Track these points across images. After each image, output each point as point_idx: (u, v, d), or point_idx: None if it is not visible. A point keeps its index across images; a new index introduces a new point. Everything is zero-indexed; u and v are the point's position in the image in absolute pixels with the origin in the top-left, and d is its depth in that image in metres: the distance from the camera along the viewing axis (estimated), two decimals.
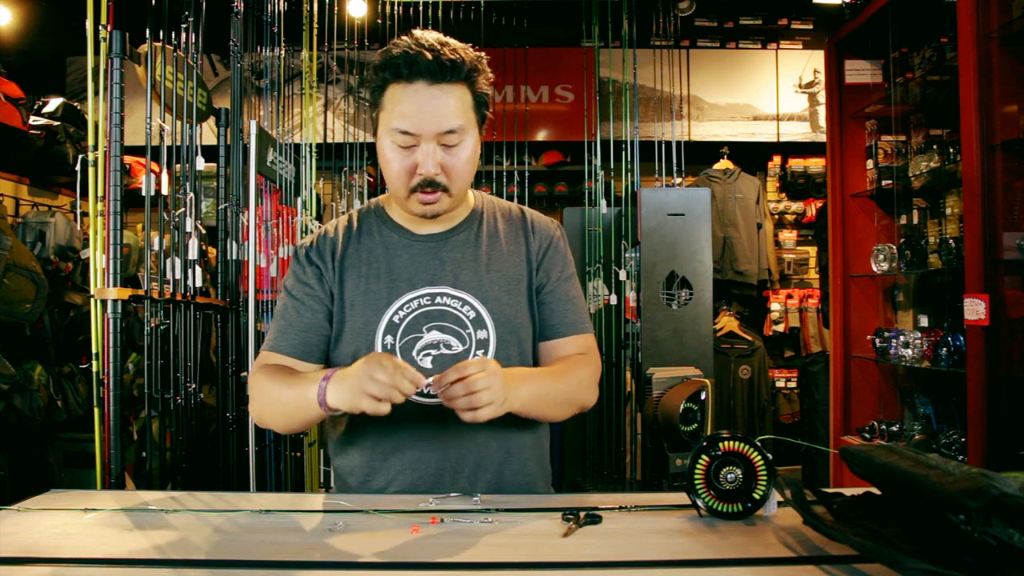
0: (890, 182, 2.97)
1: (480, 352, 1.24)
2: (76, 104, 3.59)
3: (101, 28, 1.93)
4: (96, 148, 1.97)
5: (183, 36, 2.28)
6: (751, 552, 0.90)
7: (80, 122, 3.48)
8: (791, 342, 4.50)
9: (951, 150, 2.60)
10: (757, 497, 1.02)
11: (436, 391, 1.09)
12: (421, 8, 3.35)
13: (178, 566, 0.87)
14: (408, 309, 1.24)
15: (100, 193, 1.95)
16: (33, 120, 3.33)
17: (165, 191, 2.11)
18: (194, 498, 1.16)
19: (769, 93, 4.45)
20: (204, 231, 2.44)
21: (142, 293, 2.01)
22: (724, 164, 4.31)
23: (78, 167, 2.14)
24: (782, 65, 4.45)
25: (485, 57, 1.21)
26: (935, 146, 2.75)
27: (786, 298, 4.42)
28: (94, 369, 1.93)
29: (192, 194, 2.25)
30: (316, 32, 3.11)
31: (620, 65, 3.35)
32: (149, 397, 2.04)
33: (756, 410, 4.10)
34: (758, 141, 4.44)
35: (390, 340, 1.23)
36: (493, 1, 3.55)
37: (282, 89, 2.91)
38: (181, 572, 0.85)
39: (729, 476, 1.02)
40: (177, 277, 2.17)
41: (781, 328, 4.40)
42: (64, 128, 3.41)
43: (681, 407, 1.51)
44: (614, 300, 3.16)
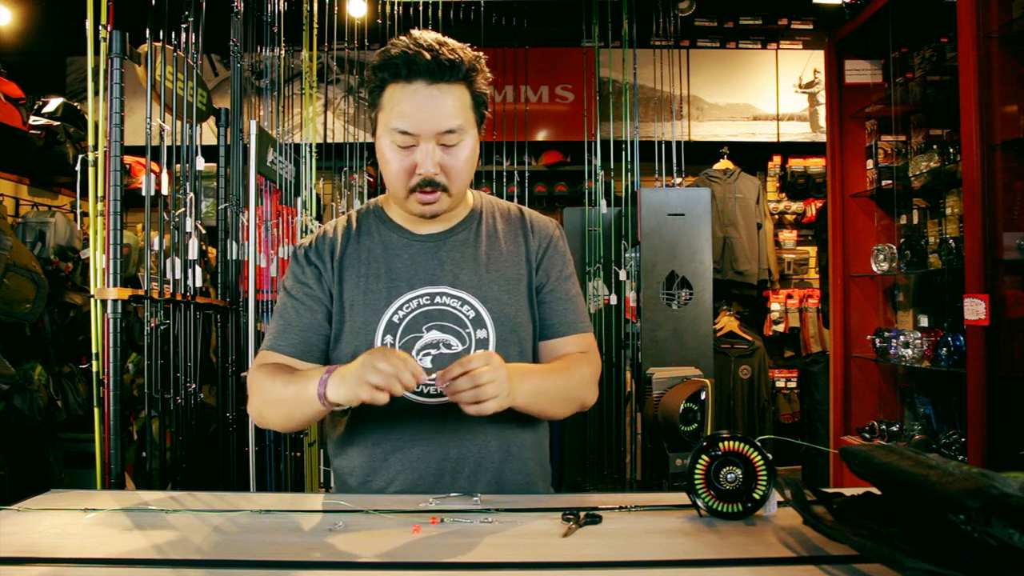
0: (890, 182, 2.97)
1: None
2: (76, 104, 3.59)
3: (101, 28, 1.93)
4: (96, 148, 1.97)
5: (183, 36, 2.28)
6: (751, 552, 0.90)
7: (80, 122, 3.48)
8: (791, 342, 4.50)
9: (951, 150, 2.60)
10: (757, 497, 1.02)
11: (440, 385, 1.09)
12: (421, 8, 3.35)
13: (178, 566, 0.87)
14: (408, 309, 1.24)
15: (100, 193, 1.95)
16: (33, 120, 3.34)
17: (165, 191, 2.11)
18: (194, 498, 1.16)
19: (769, 93, 4.45)
20: (204, 231, 2.44)
21: (142, 293, 2.01)
22: (724, 164, 4.31)
23: (78, 167, 2.14)
24: (782, 65, 4.45)
25: (483, 57, 1.21)
26: (935, 146, 2.75)
27: (786, 298, 4.42)
28: (94, 369, 1.93)
29: (192, 194, 2.25)
30: (316, 32, 3.11)
31: (620, 65, 3.35)
32: (149, 397, 2.04)
33: (756, 410, 4.10)
34: (758, 141, 4.44)
35: (390, 340, 1.23)
36: (493, 1, 3.55)
37: (282, 89, 2.91)
38: (181, 572, 0.86)
39: (729, 476, 1.02)
40: (177, 277, 2.17)
41: (781, 328, 4.40)
42: (64, 128, 3.41)
43: (681, 407, 1.51)
44: (614, 300, 3.16)
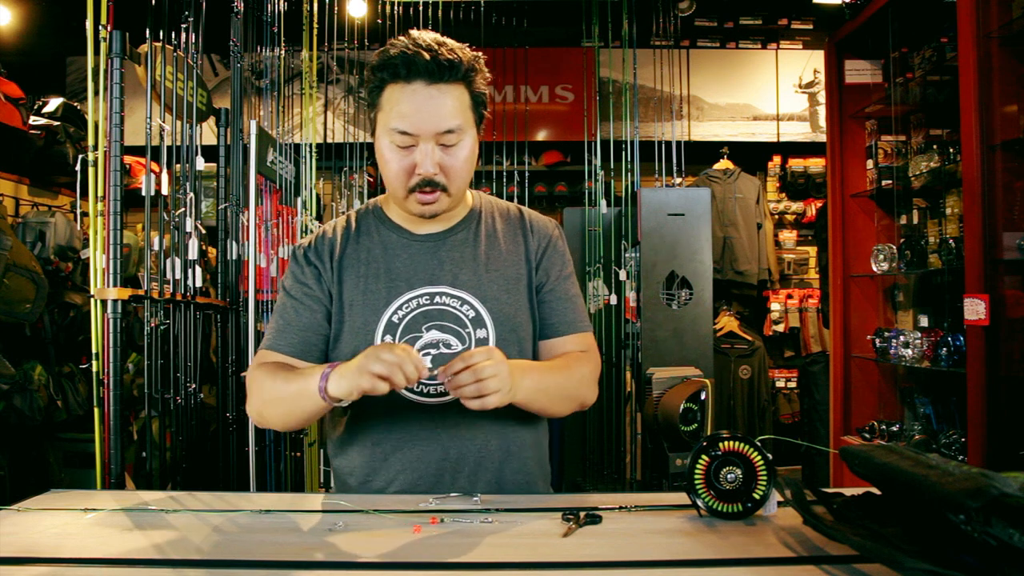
0: (890, 182, 2.97)
1: None
2: (76, 104, 3.59)
3: (101, 28, 1.93)
4: (96, 148, 1.97)
5: (183, 36, 2.28)
6: (751, 552, 0.90)
7: (80, 122, 3.48)
8: (791, 342, 4.50)
9: (951, 150, 2.60)
10: (757, 497, 1.02)
11: (443, 380, 1.09)
12: (421, 8, 3.35)
13: (178, 566, 0.87)
14: (407, 309, 1.24)
15: (100, 193, 1.95)
16: (33, 120, 3.34)
17: (165, 191, 2.11)
18: (194, 498, 1.16)
19: (769, 93, 4.45)
20: (204, 231, 2.44)
21: (142, 293, 2.01)
22: (724, 164, 4.31)
23: (78, 167, 2.14)
24: (782, 65, 4.45)
25: (482, 57, 1.21)
26: (935, 146, 2.75)
27: (786, 298, 4.42)
28: (94, 369, 1.93)
29: (192, 194, 2.25)
30: (316, 32, 3.11)
31: (620, 65, 3.35)
32: (149, 397, 2.04)
33: (756, 410, 4.10)
34: (758, 141, 4.44)
35: (389, 339, 1.23)
36: (493, 1, 3.55)
37: (282, 89, 2.91)
38: (181, 572, 0.85)
39: (729, 476, 1.02)
40: (177, 277, 2.17)
41: (781, 328, 4.40)
42: (64, 128, 3.41)
43: (681, 407, 1.51)
44: (614, 300, 3.16)
